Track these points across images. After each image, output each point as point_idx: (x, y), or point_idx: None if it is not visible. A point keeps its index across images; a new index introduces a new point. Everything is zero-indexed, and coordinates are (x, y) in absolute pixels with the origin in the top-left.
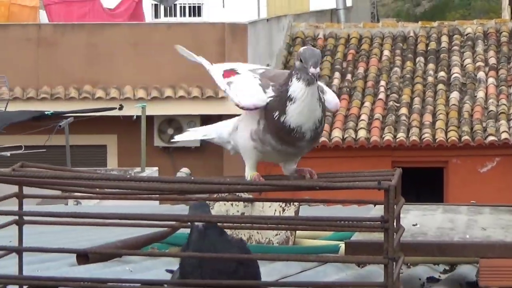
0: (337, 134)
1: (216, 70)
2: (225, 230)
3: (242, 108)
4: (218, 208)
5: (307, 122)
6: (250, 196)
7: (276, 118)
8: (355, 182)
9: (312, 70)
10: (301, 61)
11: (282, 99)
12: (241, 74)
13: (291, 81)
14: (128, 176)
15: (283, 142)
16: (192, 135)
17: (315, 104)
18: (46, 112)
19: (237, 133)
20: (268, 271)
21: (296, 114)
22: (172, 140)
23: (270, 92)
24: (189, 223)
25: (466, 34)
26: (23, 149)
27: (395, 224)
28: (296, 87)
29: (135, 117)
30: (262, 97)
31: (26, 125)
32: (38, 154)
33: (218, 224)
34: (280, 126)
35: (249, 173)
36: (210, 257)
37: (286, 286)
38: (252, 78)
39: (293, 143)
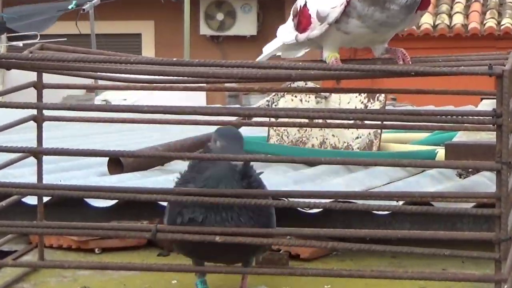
0: (426, 19)
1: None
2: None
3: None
4: (284, 105)
5: None
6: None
7: None
8: (459, 67)
9: None
10: None
11: None
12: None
13: None
14: (174, 60)
15: (372, 2)
16: (268, 51)
17: None
18: (69, 7)
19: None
20: (347, 182)
21: None
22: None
23: None
24: (249, 120)
25: None
26: (39, 38)
27: (510, 120)
28: None
29: None
30: None
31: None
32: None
33: (286, 119)
34: None
35: (328, 55)
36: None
37: (374, 197)
38: None
39: (384, 4)
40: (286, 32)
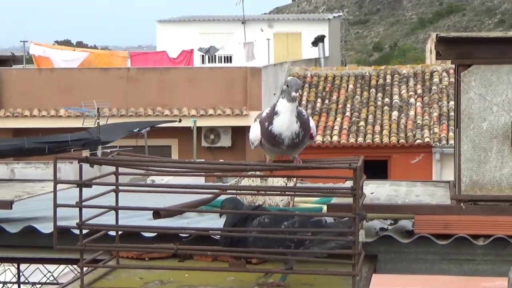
0: (319, 138)
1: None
2: None
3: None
4: (244, 183)
5: (286, 131)
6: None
7: (266, 127)
8: (334, 164)
9: (293, 93)
10: (287, 86)
11: (271, 114)
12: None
13: (278, 100)
14: (186, 160)
15: (272, 144)
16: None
17: (293, 119)
18: (134, 130)
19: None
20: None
21: (278, 124)
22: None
23: (264, 114)
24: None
25: (402, 74)
26: (118, 148)
27: (360, 192)
28: (281, 104)
29: (193, 127)
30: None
31: None
32: (127, 152)
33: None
34: (268, 133)
35: (267, 158)
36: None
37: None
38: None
39: (277, 145)
40: None
